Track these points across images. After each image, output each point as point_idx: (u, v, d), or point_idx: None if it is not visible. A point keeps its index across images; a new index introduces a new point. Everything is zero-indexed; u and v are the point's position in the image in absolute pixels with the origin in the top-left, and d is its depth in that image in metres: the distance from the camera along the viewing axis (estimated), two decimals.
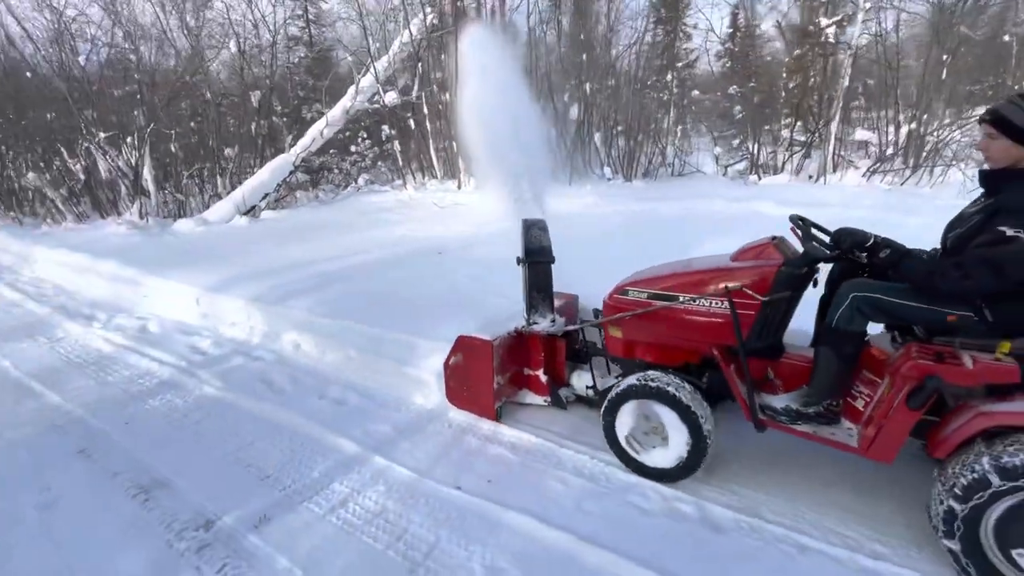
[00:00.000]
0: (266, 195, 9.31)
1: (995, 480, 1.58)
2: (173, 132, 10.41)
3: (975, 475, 1.62)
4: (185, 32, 12.28)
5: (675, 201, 8.02)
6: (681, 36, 18.04)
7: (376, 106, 10.24)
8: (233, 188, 10.08)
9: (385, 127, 11.55)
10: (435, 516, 2.19)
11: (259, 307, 4.33)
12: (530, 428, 2.75)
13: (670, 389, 2.21)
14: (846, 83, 9.16)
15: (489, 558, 1.96)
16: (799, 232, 2.17)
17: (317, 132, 9.78)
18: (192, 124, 12.35)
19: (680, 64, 17.72)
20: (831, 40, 9.84)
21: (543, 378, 2.82)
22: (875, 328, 2.16)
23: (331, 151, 14.03)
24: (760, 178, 9.68)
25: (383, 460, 2.56)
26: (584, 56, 12.57)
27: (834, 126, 9.20)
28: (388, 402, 3.13)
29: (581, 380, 2.80)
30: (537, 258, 2.76)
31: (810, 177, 9.71)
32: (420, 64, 10.16)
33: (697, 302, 2.24)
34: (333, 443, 2.73)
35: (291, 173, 9.72)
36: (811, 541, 1.97)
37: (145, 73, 11.60)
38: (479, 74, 4.91)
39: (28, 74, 10.55)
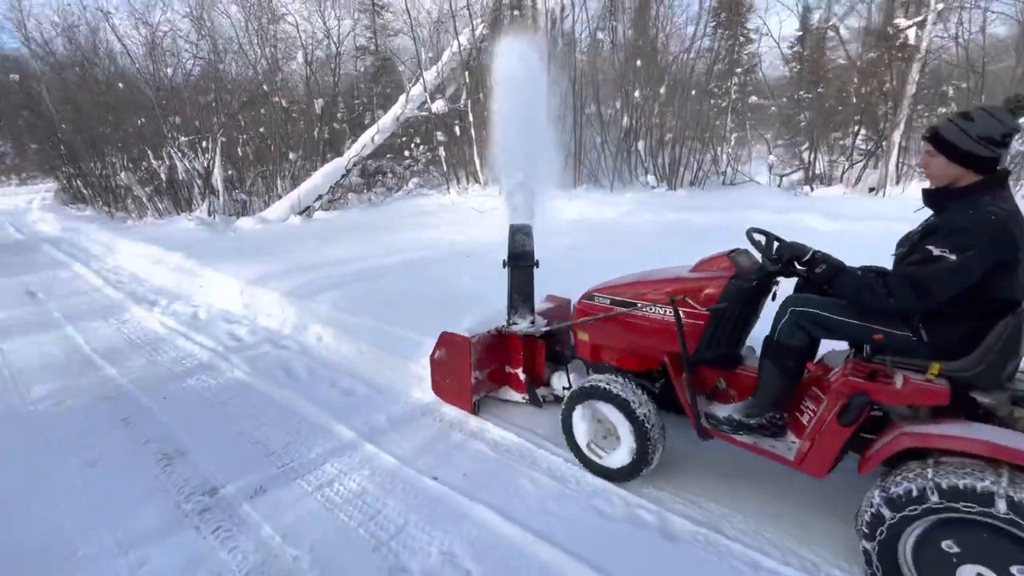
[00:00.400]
0: (319, 197, 9.94)
1: (933, 497, 1.53)
2: (242, 136, 11.36)
3: (910, 487, 1.59)
4: (259, 45, 13.33)
5: (715, 211, 7.81)
6: (741, 39, 17.46)
7: (425, 114, 10.67)
8: (293, 189, 10.85)
9: (438, 133, 12.01)
10: (408, 502, 2.34)
11: (291, 300, 4.70)
12: (514, 428, 2.85)
13: (616, 391, 2.28)
14: (913, 89, 8.54)
15: (447, 545, 2.08)
16: (756, 245, 2.18)
17: (368, 138, 10.33)
18: (261, 129, 13.38)
19: (739, 69, 17.15)
20: (910, 42, 9.20)
21: (522, 376, 2.93)
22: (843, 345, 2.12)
23: (388, 155, 14.74)
24: (813, 189, 9.21)
25: (373, 448, 2.76)
26: (638, 62, 12.46)
27: (898, 134, 8.60)
28: (389, 394, 3.34)
29: (560, 381, 2.89)
30: (519, 262, 2.89)
31: (871, 189, 9.12)
32: (468, 73, 10.49)
33: (651, 310, 2.30)
34: (333, 429, 2.96)
35: (343, 176, 10.32)
36: (767, 560, 1.95)
37: (223, 82, 12.72)
38: (497, 83, 5.10)
39: (120, 84, 11.83)
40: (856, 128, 10.74)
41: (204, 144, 10.67)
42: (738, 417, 2.11)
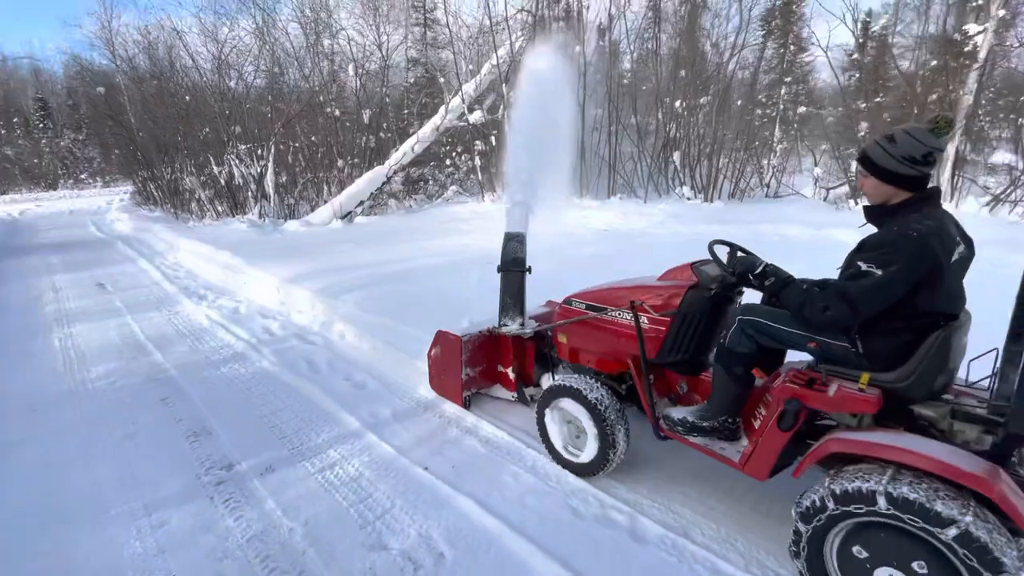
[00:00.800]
0: (361, 203, 10.45)
1: (830, 504, 1.59)
2: (292, 145, 12.10)
3: (813, 501, 1.64)
4: (314, 59, 14.17)
5: (747, 224, 7.66)
6: (792, 48, 16.92)
7: (463, 124, 11.02)
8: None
9: (477, 142, 12.36)
10: (397, 488, 2.52)
11: (321, 299, 5.03)
12: (507, 427, 2.98)
13: (582, 389, 2.40)
14: (970, 99, 8.07)
15: (426, 528, 2.24)
16: (715, 258, 2.26)
17: (408, 147, 10.78)
18: (313, 138, 14.18)
19: (788, 79, 16.63)
20: (978, 50, 8.71)
21: (511, 376, 3.06)
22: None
23: (432, 163, 15.26)
24: (857, 203, 8.84)
25: (374, 437, 2.96)
26: (682, 72, 12.35)
27: (952, 146, 8.14)
28: (396, 390, 3.55)
29: (548, 382, 3.00)
30: (511, 267, 3.04)
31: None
32: (505, 85, 10.78)
33: (618, 315, 2.41)
34: (341, 418, 3.19)
35: (384, 184, 10.80)
36: (729, 567, 1.99)
37: (280, 93, 13.61)
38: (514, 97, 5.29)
39: (187, 97, 12.86)
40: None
41: (259, 152, 11.45)
42: (692, 419, 2.19)
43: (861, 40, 19.31)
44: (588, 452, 2.44)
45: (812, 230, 6.88)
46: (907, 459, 1.52)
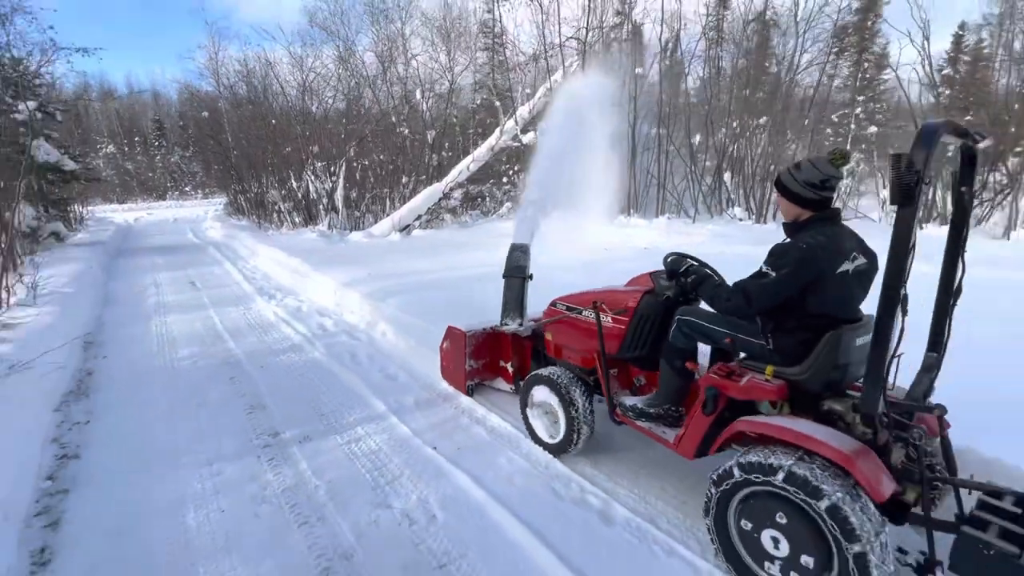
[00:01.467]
0: (419, 217, 11.21)
1: (737, 473, 1.85)
2: (362, 163, 13.18)
3: (724, 469, 1.91)
4: (388, 83, 15.38)
5: None
6: (867, 65, 16.16)
7: (517, 144, 11.56)
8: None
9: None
10: (408, 461, 2.91)
11: (369, 301, 5.61)
12: (511, 419, 3.30)
13: (554, 377, 2.76)
14: None
15: (425, 495, 2.60)
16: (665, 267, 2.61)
17: (464, 166, 11.46)
18: (381, 156, 15.32)
19: (861, 97, 15.89)
20: None
21: (509, 369, 3.39)
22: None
23: (491, 181, 16.00)
24: (922, 227, 8.36)
25: (396, 420, 3.38)
26: (747, 91, 12.25)
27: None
28: (422, 382, 3.97)
29: None
30: (513, 274, 3.39)
31: (1005, 231, 8.07)
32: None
33: (588, 315, 2.74)
34: (371, 403, 3.65)
35: (441, 200, 11.52)
36: (686, 551, 2.18)
37: (354, 115, 14.88)
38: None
39: (272, 121, 14.37)
40: (996, 162, 9.53)
41: (332, 168, 12.60)
42: (641, 406, 2.49)
43: (952, 55, 18.07)
44: (559, 433, 2.80)
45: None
46: (790, 438, 1.75)
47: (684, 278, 2.41)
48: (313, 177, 12.67)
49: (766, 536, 1.81)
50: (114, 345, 5.24)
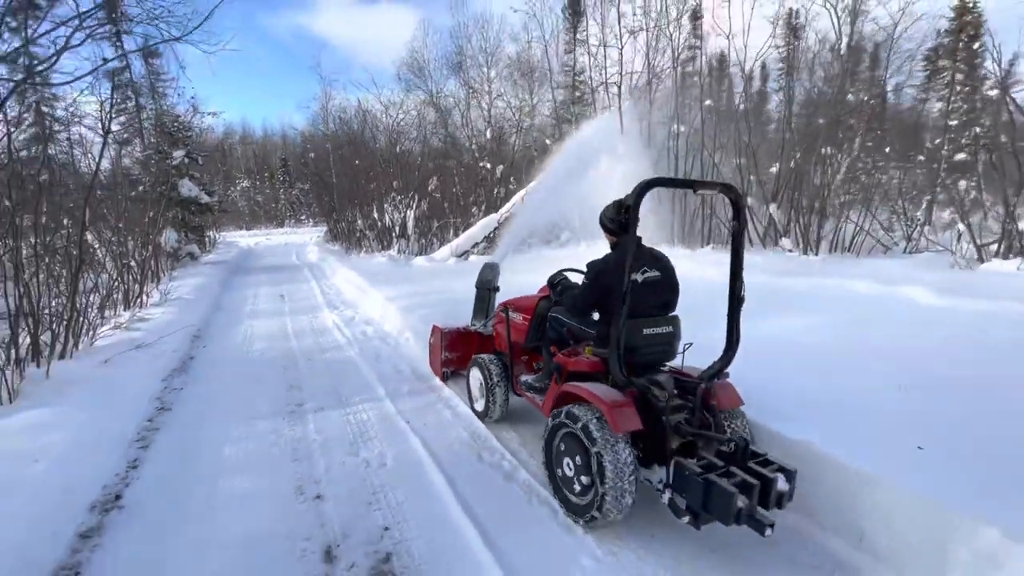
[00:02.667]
0: (475, 244, 12.36)
1: (561, 418, 2.57)
2: (432, 195, 14.75)
3: (558, 415, 2.61)
4: (466, 120, 17.05)
5: (821, 277, 7.49)
6: (960, 88, 15.01)
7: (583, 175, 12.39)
8: None
9: None
10: (384, 429, 3.77)
11: (402, 313, 6.66)
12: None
13: (482, 361, 3.59)
14: None
15: (384, 450, 3.44)
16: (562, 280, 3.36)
17: (519, 198, 12.47)
18: (455, 189, 16.90)
19: (954, 122, 14.79)
20: None
21: None
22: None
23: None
24: (984, 261, 7.82)
25: (388, 402, 4.27)
26: (809, 120, 12.13)
27: None
28: (420, 377, 4.85)
29: None
30: (483, 286, 4.18)
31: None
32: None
33: (510, 315, 3.53)
34: (376, 389, 4.59)
35: (496, 229, 12.59)
36: (555, 503, 2.80)
37: (433, 151, 16.70)
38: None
39: (356, 161, 16.53)
40: None
41: (407, 200, 14.27)
42: (531, 382, 3.26)
43: None
44: (480, 403, 3.62)
45: (881, 286, 6.54)
46: (583, 394, 2.49)
47: (556, 287, 3.20)
48: (391, 208, 14.45)
49: (567, 453, 2.59)
50: (212, 338, 6.77)
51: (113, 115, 15.40)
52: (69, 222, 6.33)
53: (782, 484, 2.16)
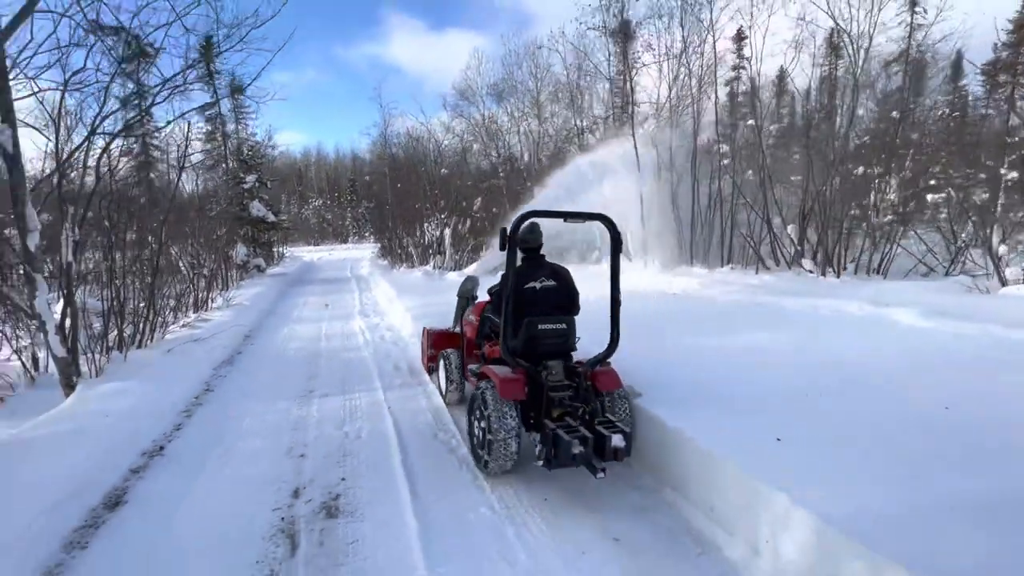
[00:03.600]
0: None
1: (480, 388, 3.25)
2: (474, 214, 15.78)
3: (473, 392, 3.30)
4: (520, 142, 18.07)
5: (816, 298, 7.58)
6: (1013, 99, 14.15)
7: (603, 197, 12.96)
8: None
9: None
10: (369, 412, 4.56)
11: (415, 321, 7.51)
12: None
13: (445, 354, 4.38)
14: None
15: (362, 427, 4.22)
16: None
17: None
18: (494, 209, 17.88)
19: (1014, 138, 13.97)
20: None
21: None
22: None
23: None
24: (1005, 284, 7.56)
25: (380, 392, 5.08)
26: (837, 143, 12.03)
27: None
28: (414, 373, 5.64)
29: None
30: (463, 295, 4.92)
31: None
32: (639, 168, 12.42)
33: (467, 317, 4.30)
34: (374, 382, 5.41)
35: None
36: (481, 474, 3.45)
37: (478, 173, 17.82)
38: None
39: (398, 184, 17.90)
40: None
41: (446, 219, 15.38)
42: (473, 369, 3.96)
43: None
44: (442, 387, 4.41)
45: (872, 308, 6.58)
46: (489, 373, 3.17)
47: (492, 293, 3.91)
48: (432, 227, 15.62)
49: (475, 414, 3.32)
50: (260, 337, 7.95)
51: (197, 145, 17.77)
52: (152, 239, 7.76)
53: (617, 441, 2.82)
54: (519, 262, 3.60)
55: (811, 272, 10.18)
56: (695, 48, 12.38)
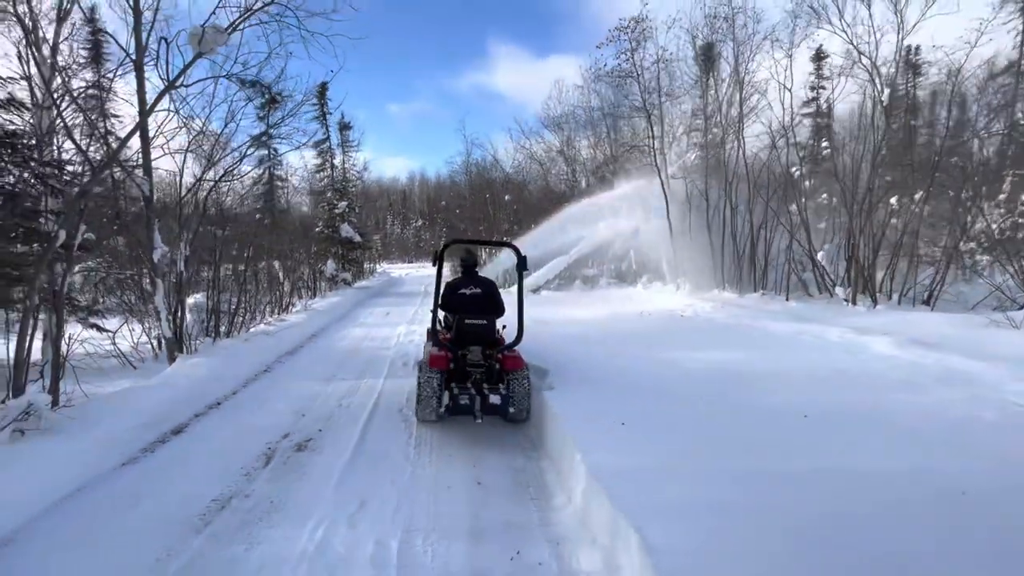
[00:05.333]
0: (547, 281, 14.16)
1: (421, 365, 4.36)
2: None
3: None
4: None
5: (811, 324, 7.66)
6: None
7: (646, 224, 13.56)
8: None
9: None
10: (366, 391, 5.88)
11: None
12: None
13: (425, 345, 5.38)
14: None
15: (354, 400, 5.54)
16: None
17: (587, 243, 13.99)
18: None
19: None
20: None
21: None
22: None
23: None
24: None
25: (384, 379, 6.41)
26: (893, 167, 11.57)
27: None
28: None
29: None
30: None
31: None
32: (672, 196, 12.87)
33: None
34: (382, 372, 6.77)
35: (565, 268, 14.25)
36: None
37: (531, 195, 19.11)
38: None
39: (457, 211, 19.62)
40: None
41: (500, 237, 16.78)
42: None
43: None
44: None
45: (854, 335, 6.62)
46: (425, 356, 4.35)
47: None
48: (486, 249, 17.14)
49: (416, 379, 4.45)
50: (321, 336, 9.78)
51: (308, 173, 21.05)
52: (248, 253, 9.98)
53: (493, 399, 4.04)
54: (459, 274, 4.92)
55: (846, 300, 9.95)
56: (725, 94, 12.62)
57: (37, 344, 5.84)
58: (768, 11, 33.34)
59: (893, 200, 12.04)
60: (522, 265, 4.60)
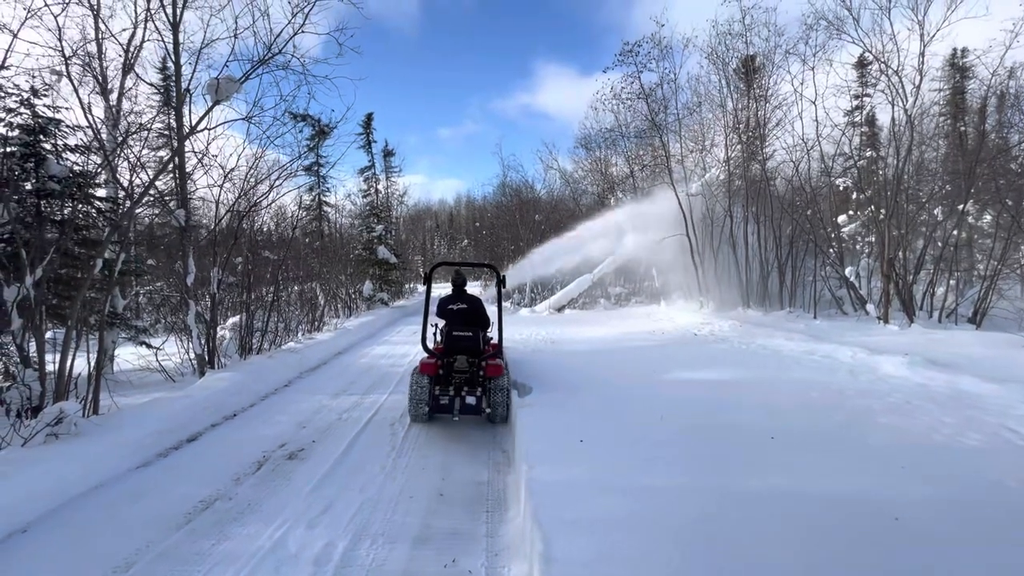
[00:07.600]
0: (571, 300, 14.22)
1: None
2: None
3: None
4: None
5: (825, 343, 7.33)
6: None
7: (658, 242, 13.42)
8: None
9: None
10: (369, 404, 6.21)
11: None
12: None
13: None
14: None
15: (355, 414, 5.88)
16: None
17: (610, 261, 13.96)
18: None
19: None
20: None
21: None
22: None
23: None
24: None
25: (387, 394, 6.73)
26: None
27: None
28: None
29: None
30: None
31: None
32: (691, 212, 12.70)
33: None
34: (389, 387, 7.10)
35: (589, 287, 14.26)
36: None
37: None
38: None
39: (483, 232, 19.99)
40: None
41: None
42: None
43: None
44: None
45: (865, 355, 6.30)
46: (419, 362, 4.75)
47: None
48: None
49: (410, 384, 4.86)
50: (347, 355, 10.31)
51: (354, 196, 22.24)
52: (280, 275, 10.72)
53: (469, 399, 4.50)
54: (450, 292, 5.39)
55: (878, 318, 9.45)
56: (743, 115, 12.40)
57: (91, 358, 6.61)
58: (790, 25, 32.57)
59: (937, 211, 11.40)
60: (501, 283, 5.07)
